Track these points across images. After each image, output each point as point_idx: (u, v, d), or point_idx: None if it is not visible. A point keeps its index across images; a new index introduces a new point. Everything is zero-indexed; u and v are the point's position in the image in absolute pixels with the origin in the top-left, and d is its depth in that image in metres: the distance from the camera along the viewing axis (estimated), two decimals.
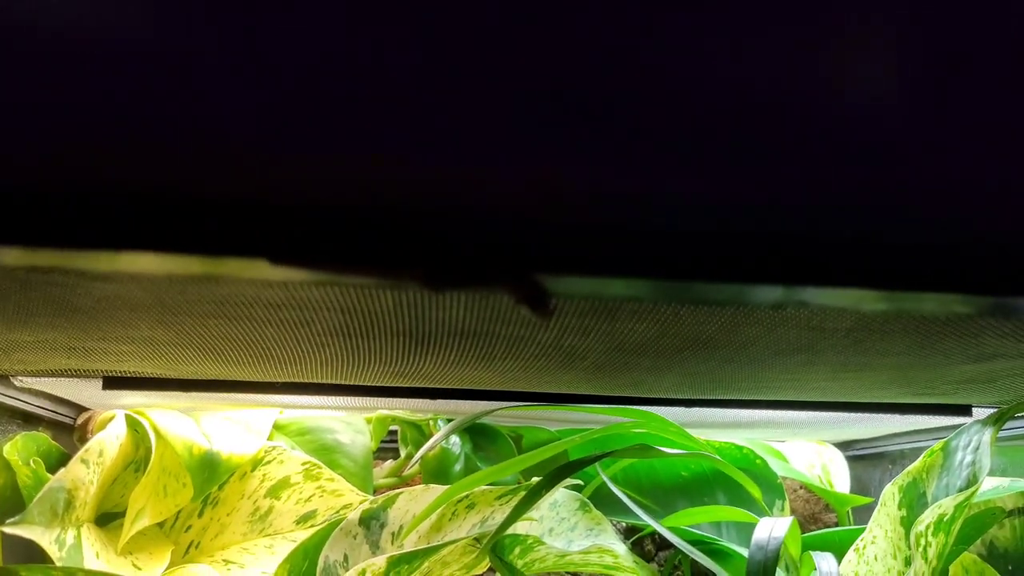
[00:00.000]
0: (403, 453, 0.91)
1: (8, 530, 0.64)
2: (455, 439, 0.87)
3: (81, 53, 0.31)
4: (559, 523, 0.76)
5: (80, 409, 0.82)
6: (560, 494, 0.77)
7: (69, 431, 0.82)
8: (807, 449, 1.01)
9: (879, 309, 0.39)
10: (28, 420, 0.76)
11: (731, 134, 0.33)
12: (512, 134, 0.32)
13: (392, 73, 0.32)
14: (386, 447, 0.95)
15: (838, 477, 0.98)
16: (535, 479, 0.66)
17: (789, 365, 0.54)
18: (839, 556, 0.72)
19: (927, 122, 0.34)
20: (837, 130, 0.34)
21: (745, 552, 0.74)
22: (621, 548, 0.75)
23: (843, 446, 1.03)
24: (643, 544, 0.96)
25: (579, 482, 0.80)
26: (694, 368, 0.56)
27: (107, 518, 0.77)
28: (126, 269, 0.36)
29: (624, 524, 0.93)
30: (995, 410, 0.66)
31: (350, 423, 0.86)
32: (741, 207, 0.34)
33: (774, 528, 0.63)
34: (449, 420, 0.86)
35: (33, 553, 0.69)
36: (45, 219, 0.32)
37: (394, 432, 0.93)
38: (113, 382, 0.65)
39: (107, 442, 0.70)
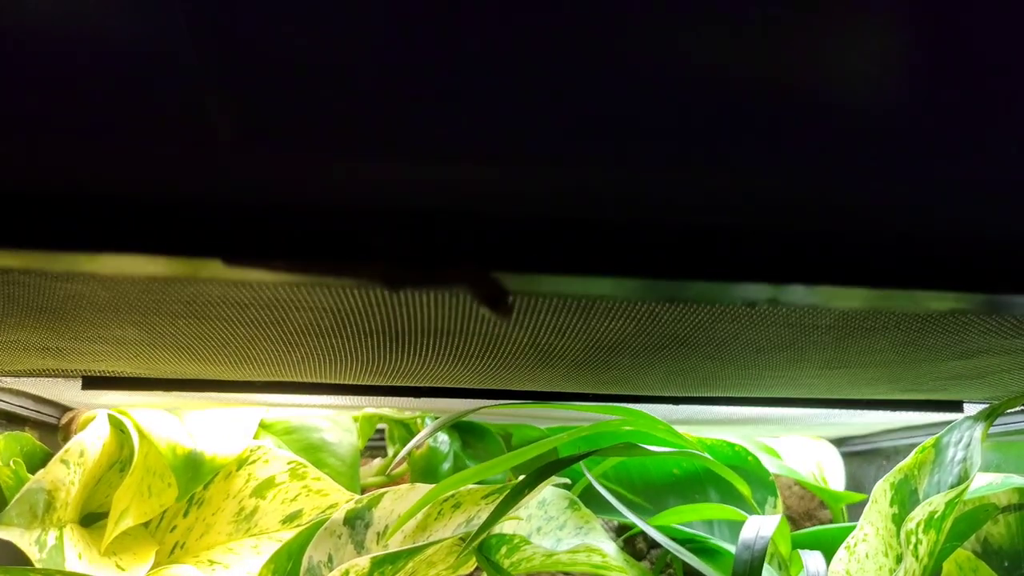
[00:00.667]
0: (390, 452, 0.90)
1: None
2: (443, 437, 0.86)
3: (47, 59, 0.30)
4: (547, 522, 0.75)
5: (64, 409, 0.82)
6: (549, 492, 0.76)
7: (54, 431, 0.82)
8: (802, 445, 1.00)
9: (854, 307, 0.38)
10: (12, 420, 0.76)
11: (707, 124, 0.32)
12: (470, 129, 0.31)
13: (355, 75, 0.31)
14: (375, 446, 0.94)
15: (833, 473, 0.98)
16: (522, 477, 0.65)
17: (773, 362, 0.53)
18: (831, 553, 0.71)
19: (913, 114, 0.33)
20: (817, 123, 0.33)
21: (735, 550, 0.73)
22: (610, 547, 0.74)
23: (838, 442, 1.02)
24: (635, 542, 0.95)
25: (566, 480, 0.79)
26: (677, 366, 0.55)
27: (93, 518, 0.76)
28: (84, 270, 0.35)
29: (616, 522, 0.92)
30: (986, 406, 0.65)
31: (337, 422, 0.85)
32: (714, 201, 0.33)
33: (761, 527, 0.62)
34: (437, 418, 0.85)
35: (17, 555, 0.68)
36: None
37: (382, 431, 0.93)
38: (93, 382, 0.65)
39: (88, 442, 0.70)
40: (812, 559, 0.64)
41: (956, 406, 0.72)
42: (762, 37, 0.31)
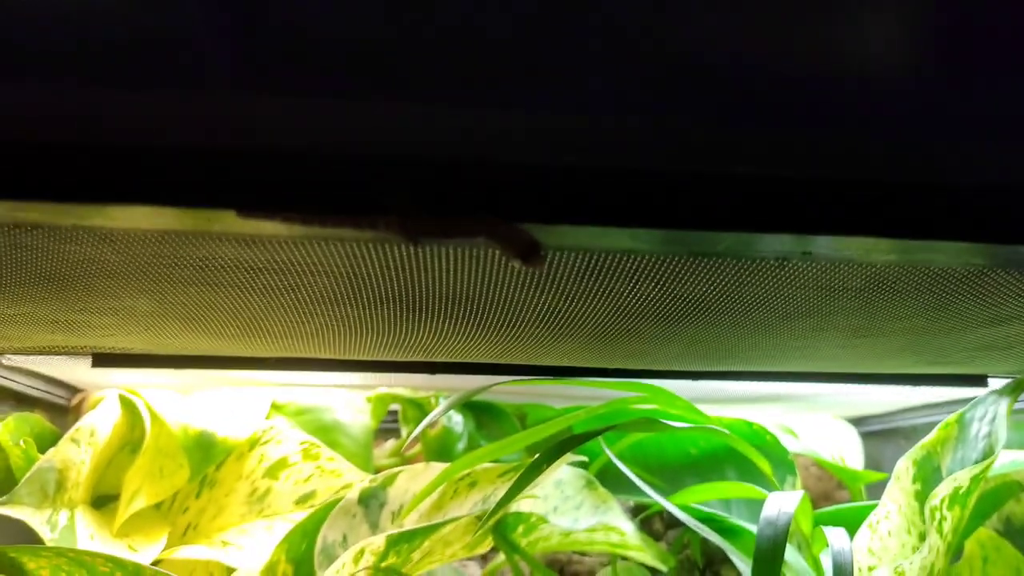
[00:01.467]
0: (404, 432, 0.89)
1: None
2: (457, 418, 0.85)
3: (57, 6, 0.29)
4: (564, 501, 0.74)
5: (75, 390, 0.81)
6: (565, 472, 0.75)
7: (64, 412, 0.81)
8: (820, 425, 0.99)
9: (889, 260, 0.37)
10: (22, 401, 0.75)
11: (744, 75, 0.31)
12: (492, 74, 0.30)
13: (370, 17, 0.30)
14: (388, 428, 0.93)
15: (851, 454, 0.96)
16: (539, 454, 0.64)
17: (798, 331, 0.52)
18: (852, 532, 0.70)
19: (939, 61, 0.32)
20: (845, 69, 0.32)
21: (754, 528, 0.71)
22: (628, 526, 0.73)
23: (856, 422, 1.01)
24: (652, 523, 0.94)
25: (583, 458, 0.78)
26: (699, 335, 0.54)
27: (104, 500, 0.75)
28: (90, 223, 0.34)
29: (632, 503, 0.91)
30: (1011, 380, 0.64)
31: (350, 402, 0.84)
32: (740, 146, 0.32)
33: (784, 503, 0.60)
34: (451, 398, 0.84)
35: (29, 536, 0.68)
36: (6, 171, 0.30)
37: (395, 412, 0.92)
38: (103, 359, 0.64)
39: (99, 422, 0.69)
40: (836, 536, 0.63)
41: (980, 380, 0.71)
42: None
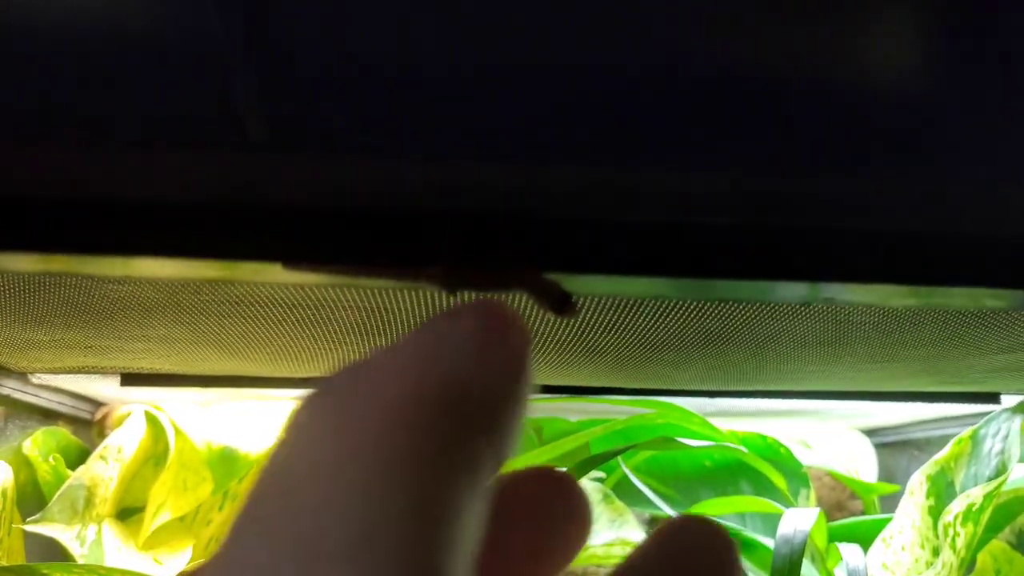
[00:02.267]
0: None
1: (29, 528, 0.64)
2: None
3: (96, 64, 0.30)
4: None
5: (98, 404, 0.82)
6: (583, 486, 0.76)
7: (88, 426, 0.82)
8: (833, 436, 1.00)
9: (908, 304, 0.38)
10: (47, 416, 0.76)
11: (744, 120, 0.32)
12: (529, 133, 0.31)
13: (406, 77, 0.31)
14: None
15: (864, 465, 0.97)
16: None
17: (815, 357, 0.53)
18: (866, 545, 0.71)
19: (959, 109, 0.33)
20: (863, 117, 0.32)
21: (769, 542, 0.73)
22: None
23: (870, 433, 1.02)
24: None
25: (601, 474, 0.79)
26: (718, 361, 0.55)
27: (128, 513, 0.77)
28: (139, 274, 0.35)
29: (648, 515, 0.92)
30: None
31: None
32: (761, 199, 0.33)
33: (799, 520, 0.62)
34: None
35: (55, 550, 0.69)
36: (59, 226, 0.32)
37: None
38: (131, 379, 0.65)
39: (126, 439, 0.70)
40: (851, 553, 0.64)
41: (993, 398, 0.72)
42: (814, 40, 0.31)
